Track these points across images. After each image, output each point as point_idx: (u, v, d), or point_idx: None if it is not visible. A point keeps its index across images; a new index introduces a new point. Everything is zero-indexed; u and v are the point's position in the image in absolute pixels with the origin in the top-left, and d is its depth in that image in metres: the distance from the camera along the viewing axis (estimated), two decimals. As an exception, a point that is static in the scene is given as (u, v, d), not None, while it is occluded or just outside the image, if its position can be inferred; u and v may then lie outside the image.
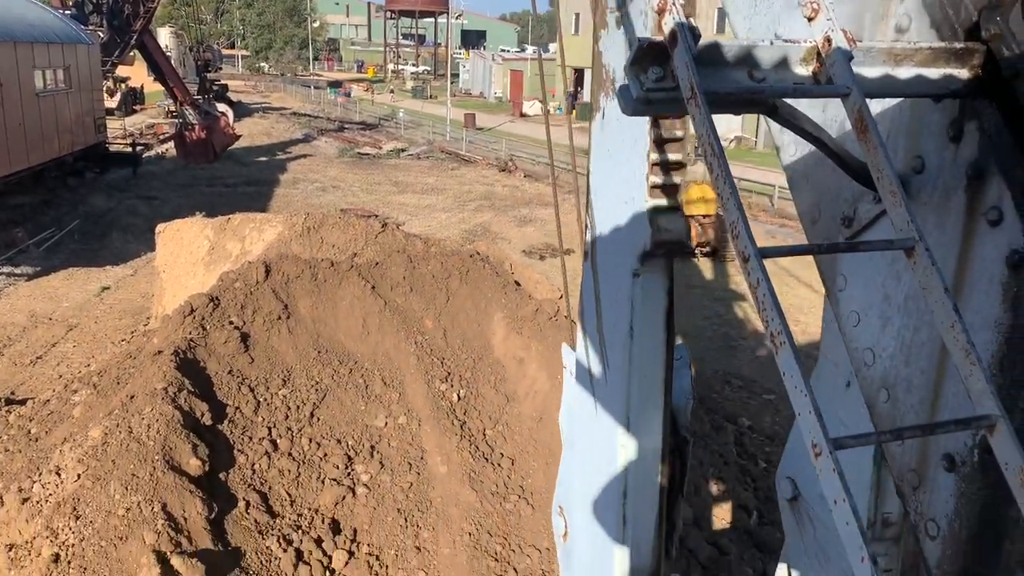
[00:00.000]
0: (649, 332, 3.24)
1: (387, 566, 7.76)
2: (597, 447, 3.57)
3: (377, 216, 16.56)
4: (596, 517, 3.63)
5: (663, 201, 3.05)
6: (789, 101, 2.07)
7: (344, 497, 8.27)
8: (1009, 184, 1.94)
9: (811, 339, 12.63)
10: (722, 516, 9.04)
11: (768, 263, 1.59)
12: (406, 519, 8.22)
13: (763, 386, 13.58)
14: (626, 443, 3.36)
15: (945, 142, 2.11)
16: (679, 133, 2.98)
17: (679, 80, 1.74)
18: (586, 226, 3.49)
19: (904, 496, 2.04)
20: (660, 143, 2.96)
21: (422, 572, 7.73)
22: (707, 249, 21.10)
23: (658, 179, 3.01)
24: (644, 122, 2.94)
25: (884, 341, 2.18)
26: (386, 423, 9.21)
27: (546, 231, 23.91)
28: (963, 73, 2.02)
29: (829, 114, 2.45)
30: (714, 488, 9.54)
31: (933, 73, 2.02)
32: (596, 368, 3.50)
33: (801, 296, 16.50)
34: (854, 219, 2.39)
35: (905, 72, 2.00)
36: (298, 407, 9.06)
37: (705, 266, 20.83)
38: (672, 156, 2.98)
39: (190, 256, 14.14)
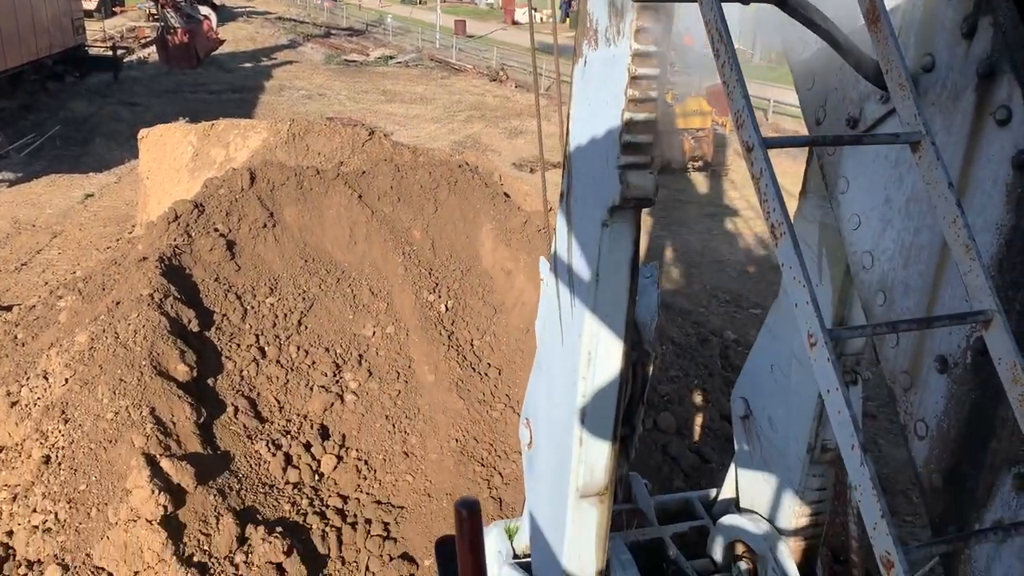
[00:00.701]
0: (614, 278, 3.40)
1: (375, 470, 7.89)
2: (560, 373, 3.79)
3: (364, 124, 16.25)
4: (556, 435, 3.86)
5: (635, 158, 3.14)
6: (798, -11, 1.99)
7: (332, 404, 8.35)
8: (1020, 82, 1.87)
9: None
10: (705, 425, 9.20)
11: None
12: (394, 425, 8.32)
13: (750, 300, 13.67)
14: (586, 375, 3.56)
15: (957, 38, 2.03)
16: (653, 94, 3.05)
17: (685, -40, 1.65)
18: (565, 169, 3.61)
19: (895, 398, 2.04)
20: (635, 102, 3.04)
21: (410, 476, 7.88)
22: (699, 164, 20.91)
23: (631, 137, 3.10)
24: (622, 77, 3.03)
25: (884, 244, 2.15)
26: (374, 332, 9.24)
27: (537, 144, 23.58)
28: (981, -38, 1.93)
29: (839, 11, 2.36)
30: (698, 398, 9.69)
31: (950, -39, 1.93)
32: (564, 304, 3.69)
33: (792, 209, 16.47)
34: (860, 119, 2.33)
35: (921, -41, 1.91)
36: (286, 315, 9.06)
37: (698, 180, 20.69)
38: (646, 116, 3.07)
39: (174, 162, 13.91)
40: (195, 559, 6.53)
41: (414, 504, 7.64)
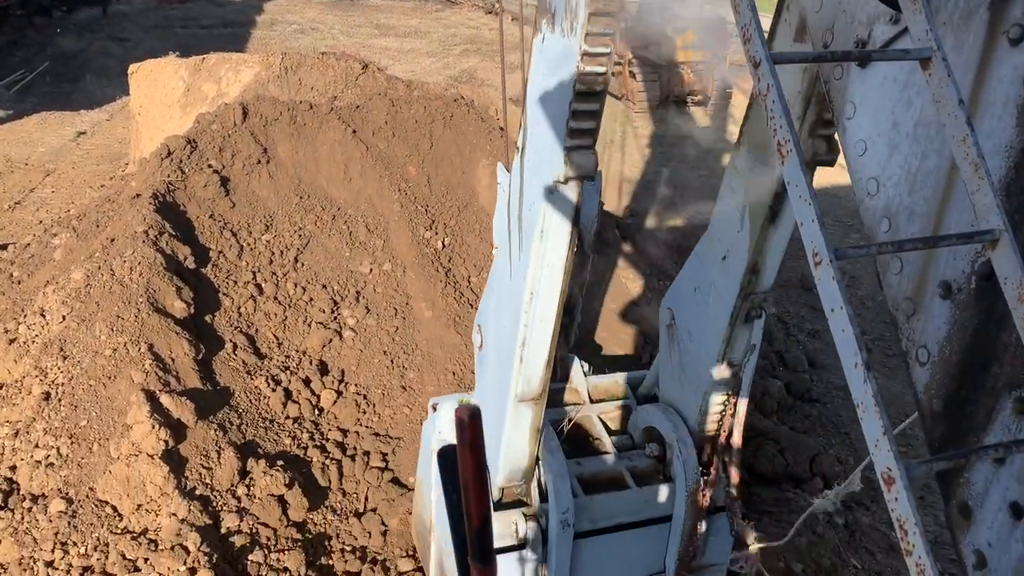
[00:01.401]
0: (557, 234, 3.88)
1: (374, 404, 7.96)
2: (508, 302, 4.31)
3: (357, 58, 15.89)
4: (501, 348, 4.42)
5: (579, 141, 3.52)
6: (806, -100, 1.92)
7: (331, 340, 8.37)
8: (1035, -3, 1.81)
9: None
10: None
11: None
12: (392, 361, 8.36)
13: (747, 237, 13.61)
14: (528, 309, 4.12)
15: (971, -48, 1.96)
16: (599, 88, 3.38)
17: None
18: (522, 126, 3.93)
19: (897, 324, 2.02)
20: (582, 95, 3.37)
21: (407, 408, 7.94)
22: (699, 98, 20.58)
23: (576, 124, 3.45)
24: (572, 70, 3.31)
25: (890, 169, 2.12)
26: (371, 269, 9.21)
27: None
28: None
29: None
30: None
31: None
32: (514, 249, 4.16)
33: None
34: (868, 42, 2.28)
35: None
36: (282, 252, 9.01)
37: (697, 115, 20.41)
38: (591, 107, 3.43)
39: (165, 98, 13.68)
40: (197, 492, 6.61)
41: (411, 435, 7.72)
